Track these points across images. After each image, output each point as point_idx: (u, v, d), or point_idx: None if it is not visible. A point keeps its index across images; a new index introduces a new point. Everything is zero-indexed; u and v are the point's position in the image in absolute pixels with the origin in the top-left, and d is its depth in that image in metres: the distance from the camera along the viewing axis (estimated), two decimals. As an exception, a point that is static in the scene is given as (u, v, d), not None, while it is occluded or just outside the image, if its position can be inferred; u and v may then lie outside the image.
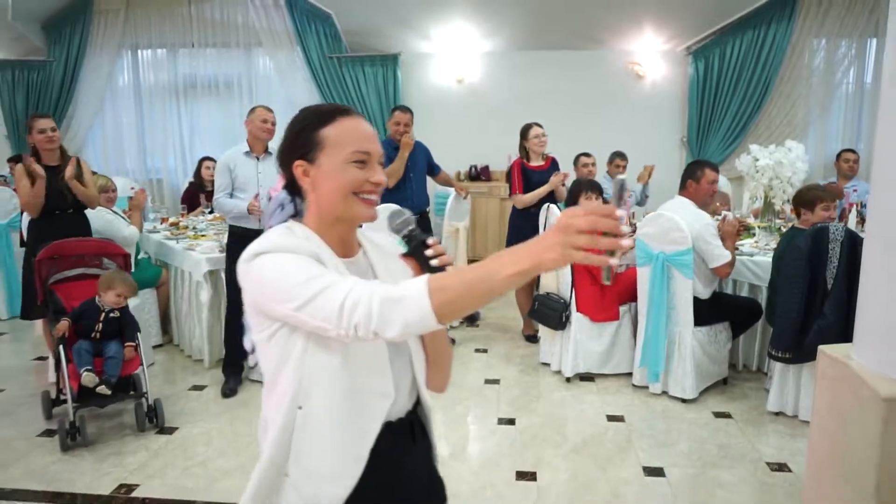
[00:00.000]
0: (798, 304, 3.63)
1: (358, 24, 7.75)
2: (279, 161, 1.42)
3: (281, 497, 1.36)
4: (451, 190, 5.80)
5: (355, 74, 8.04)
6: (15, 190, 6.33)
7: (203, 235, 5.25)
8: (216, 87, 8.46)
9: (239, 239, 4.30)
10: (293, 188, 1.40)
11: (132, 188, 6.08)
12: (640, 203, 6.19)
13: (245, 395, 4.33)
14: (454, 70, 8.07)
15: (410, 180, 5.03)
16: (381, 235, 1.51)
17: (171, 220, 5.93)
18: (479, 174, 8.05)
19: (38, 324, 4.63)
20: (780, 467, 3.37)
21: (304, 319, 1.22)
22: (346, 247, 1.40)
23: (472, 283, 1.12)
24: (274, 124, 4.32)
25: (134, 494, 3.19)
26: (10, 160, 7.38)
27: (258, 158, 4.28)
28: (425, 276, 1.15)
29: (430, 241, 1.34)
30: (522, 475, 3.33)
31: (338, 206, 1.34)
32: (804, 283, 3.63)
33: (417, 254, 1.35)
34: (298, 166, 1.36)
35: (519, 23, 7.60)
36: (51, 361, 4.46)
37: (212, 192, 6.56)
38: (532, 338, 5.28)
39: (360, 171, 1.33)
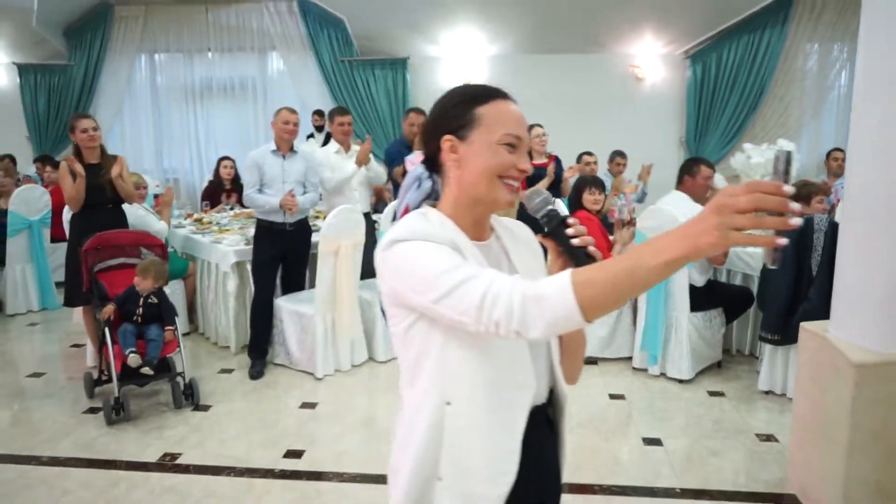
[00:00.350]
0: (786, 289, 3.94)
1: (369, 28, 8.08)
2: (425, 133, 1.37)
3: (434, 501, 1.30)
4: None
5: (366, 77, 8.36)
6: (46, 186, 6.67)
7: (228, 230, 5.55)
8: (231, 90, 8.80)
9: (266, 232, 4.62)
10: (432, 165, 1.37)
11: (157, 185, 6.40)
12: (640, 200, 6.50)
13: (271, 378, 4.63)
14: (461, 73, 8.39)
15: (423, 177, 5.33)
16: (513, 221, 1.48)
17: (196, 216, 6.24)
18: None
19: (77, 312, 4.92)
20: (769, 438, 3.68)
21: (442, 312, 1.18)
22: (479, 230, 1.36)
23: (619, 274, 1.05)
24: (296, 125, 4.62)
25: (178, 462, 3.50)
26: (36, 160, 7.72)
27: (284, 157, 4.59)
28: (568, 271, 1.09)
29: (570, 220, 1.30)
30: (532, 445, 3.63)
31: (480, 187, 1.30)
32: (791, 270, 3.94)
33: (557, 234, 1.30)
34: (447, 141, 1.30)
35: (523, 27, 7.91)
36: (89, 347, 4.77)
37: (230, 189, 6.91)
38: (538, 326, 5.57)
39: (509, 154, 1.29)
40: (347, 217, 4.54)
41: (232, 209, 6.50)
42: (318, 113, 7.86)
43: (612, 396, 4.27)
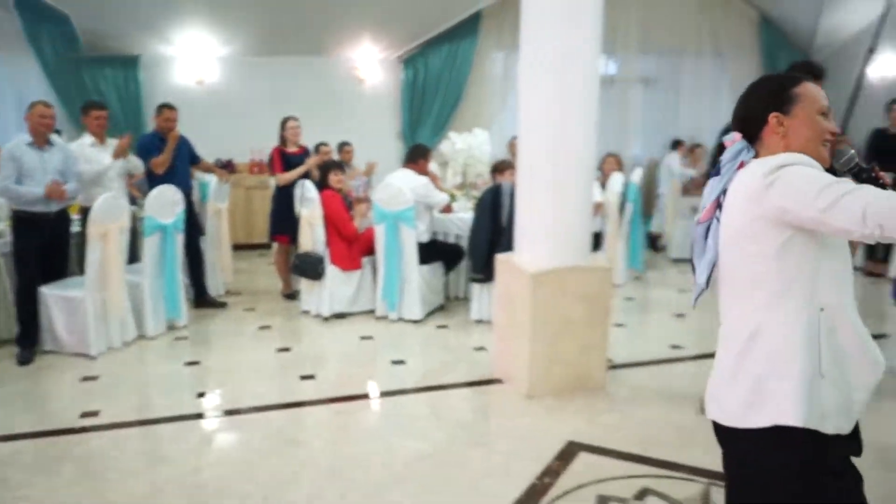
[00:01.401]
0: (485, 238, 5.22)
1: (97, 26, 8.06)
2: (744, 115, 1.69)
3: (822, 396, 1.52)
4: (208, 178, 6.61)
5: (94, 75, 8.33)
6: None
7: (-31, 227, 5.46)
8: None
9: (27, 223, 4.76)
10: (751, 137, 1.68)
11: None
12: (369, 186, 7.56)
13: (42, 363, 4.74)
14: (194, 72, 8.74)
15: (177, 168, 5.79)
16: None
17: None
18: (224, 167, 8.82)
19: None
20: (481, 349, 4.91)
21: (827, 221, 1.42)
22: None
23: None
24: (52, 118, 4.85)
25: (-28, 434, 3.69)
26: None
27: (41, 149, 4.80)
28: None
29: (875, 167, 1.61)
30: (305, 377, 4.43)
31: (811, 150, 1.59)
32: (489, 225, 5.22)
33: (870, 181, 1.57)
34: (774, 117, 1.63)
35: (253, 31, 8.51)
36: None
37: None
38: (291, 296, 6.32)
39: (826, 122, 1.63)
40: (114, 203, 4.89)
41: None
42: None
43: (363, 338, 5.22)
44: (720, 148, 1.72)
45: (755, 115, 1.66)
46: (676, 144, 9.12)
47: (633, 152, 9.75)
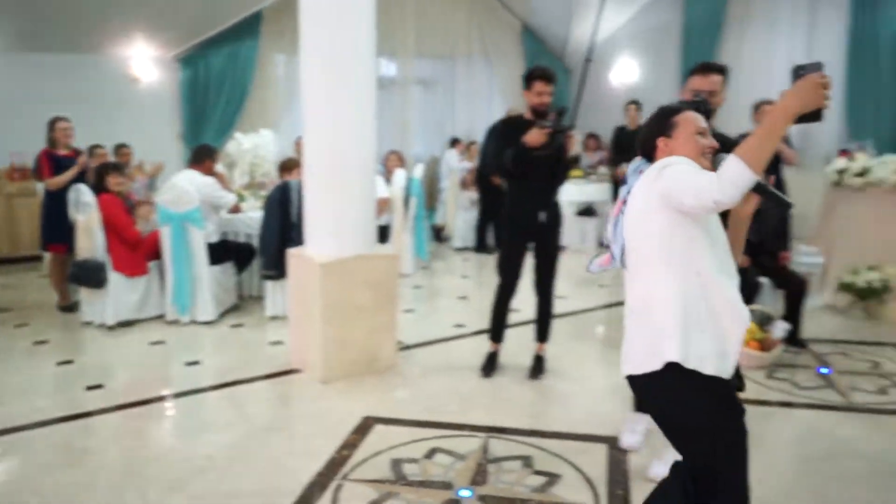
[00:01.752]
0: (276, 235, 5.33)
1: None
2: (642, 141, 2.13)
3: (700, 344, 1.92)
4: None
5: None
6: None
7: None
8: None
9: None
10: (648, 157, 2.12)
11: None
12: (151, 186, 7.29)
13: None
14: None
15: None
16: None
17: None
18: (-24, 173, 7.99)
19: None
20: (278, 343, 5.03)
21: (683, 200, 1.85)
22: None
23: (762, 135, 1.73)
24: None
25: None
26: None
27: None
28: (732, 154, 1.75)
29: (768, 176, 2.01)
30: (92, 387, 4.26)
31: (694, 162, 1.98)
32: (278, 222, 5.34)
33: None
34: (661, 140, 2.08)
35: (6, 25, 7.77)
36: None
37: None
38: (69, 308, 5.93)
39: (704, 139, 2.05)
40: None
41: None
42: None
43: (153, 343, 5.10)
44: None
45: (648, 141, 2.12)
46: (454, 142, 9.77)
47: (414, 150, 10.26)
